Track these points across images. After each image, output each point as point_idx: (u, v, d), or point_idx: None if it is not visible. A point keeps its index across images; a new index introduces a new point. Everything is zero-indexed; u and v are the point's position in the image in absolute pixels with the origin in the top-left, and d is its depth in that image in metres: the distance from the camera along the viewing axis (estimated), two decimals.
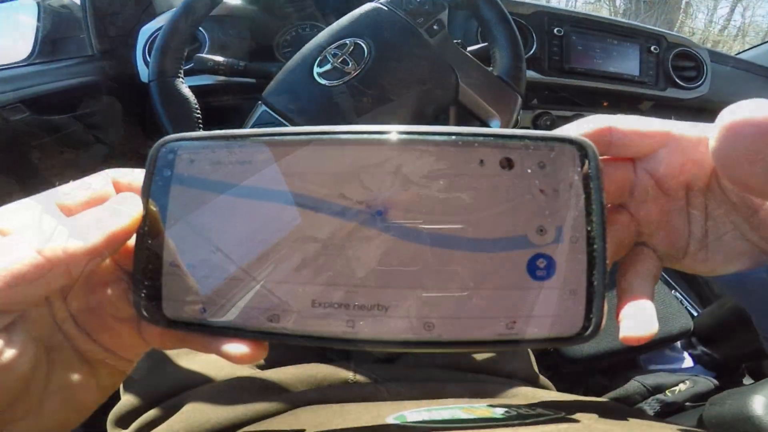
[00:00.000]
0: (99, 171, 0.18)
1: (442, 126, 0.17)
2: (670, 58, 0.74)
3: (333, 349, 0.37)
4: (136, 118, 0.65)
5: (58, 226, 0.15)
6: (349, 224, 0.16)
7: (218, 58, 0.49)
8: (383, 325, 0.16)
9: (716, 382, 0.64)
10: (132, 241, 0.17)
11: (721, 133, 0.15)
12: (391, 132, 0.16)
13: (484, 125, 0.43)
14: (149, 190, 0.17)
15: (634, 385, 0.65)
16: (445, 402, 0.27)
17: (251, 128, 0.41)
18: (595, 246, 0.16)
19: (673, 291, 0.82)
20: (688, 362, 0.73)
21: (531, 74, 0.67)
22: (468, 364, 0.37)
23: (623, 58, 0.72)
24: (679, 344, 0.75)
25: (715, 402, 0.40)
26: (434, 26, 0.42)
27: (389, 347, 0.17)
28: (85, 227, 0.15)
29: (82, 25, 0.62)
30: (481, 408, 0.25)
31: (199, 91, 0.44)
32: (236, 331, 0.17)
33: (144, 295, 0.17)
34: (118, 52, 0.64)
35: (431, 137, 0.16)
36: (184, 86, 0.42)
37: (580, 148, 0.16)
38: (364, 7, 0.43)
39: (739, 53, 0.96)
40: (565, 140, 0.16)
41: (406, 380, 0.33)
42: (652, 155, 0.18)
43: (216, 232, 0.17)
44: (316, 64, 0.42)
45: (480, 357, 0.37)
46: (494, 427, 0.22)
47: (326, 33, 0.43)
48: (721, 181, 0.18)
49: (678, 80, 0.75)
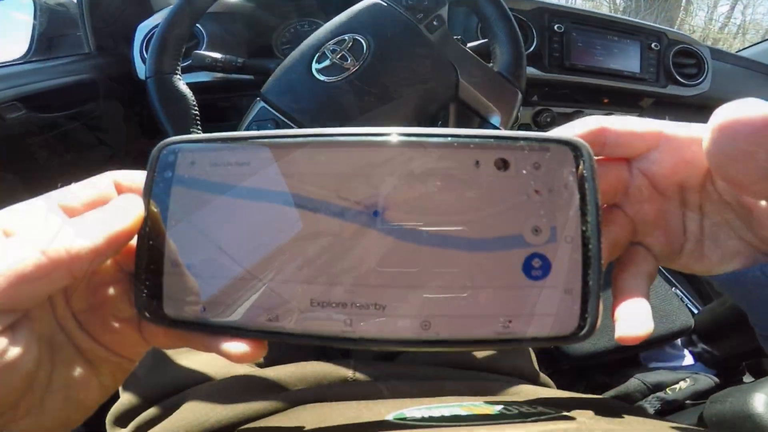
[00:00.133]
0: (101, 172, 0.18)
1: (439, 128, 0.17)
2: (671, 55, 0.74)
3: (332, 348, 0.37)
4: (135, 116, 0.65)
5: (61, 226, 0.15)
6: (347, 224, 0.16)
7: (216, 55, 0.49)
8: (381, 324, 0.16)
9: (717, 379, 0.65)
10: (133, 242, 0.17)
11: (713, 132, 0.15)
12: (388, 134, 0.17)
13: (485, 121, 0.42)
14: (151, 192, 0.17)
15: (634, 383, 0.65)
16: (445, 400, 0.26)
17: (249, 124, 0.41)
18: (590, 246, 0.16)
19: (674, 288, 0.82)
20: (688, 360, 0.73)
21: (531, 71, 0.67)
22: (468, 361, 0.37)
23: (624, 55, 0.72)
24: (679, 342, 0.75)
25: (716, 400, 0.40)
26: (434, 22, 0.41)
27: (387, 346, 0.17)
28: (88, 228, 0.15)
29: (78, 23, 0.62)
30: (482, 405, 0.25)
31: (197, 88, 0.44)
32: (236, 330, 0.17)
33: (145, 294, 0.17)
34: (115, 50, 0.64)
35: (428, 139, 0.16)
36: (181, 83, 0.42)
37: (575, 149, 0.16)
38: (364, 2, 0.42)
39: (739, 51, 0.95)
40: (560, 141, 0.16)
41: (406, 378, 0.33)
42: (647, 155, 0.18)
43: (216, 233, 0.17)
44: (314, 60, 0.41)
45: (481, 355, 0.37)
46: (494, 424, 0.22)
47: (325, 29, 0.42)
48: (715, 180, 0.18)
49: (679, 77, 0.75)
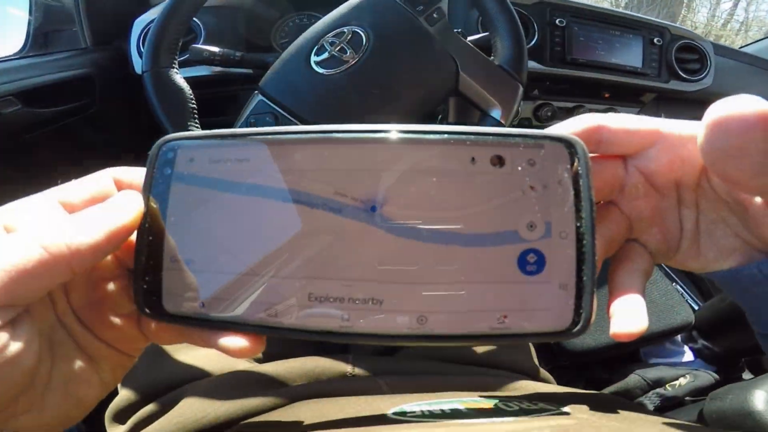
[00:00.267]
0: (100, 169, 0.18)
1: (435, 125, 0.17)
2: (674, 50, 0.74)
3: (330, 343, 0.37)
4: (133, 111, 0.64)
5: (61, 222, 0.15)
6: (344, 220, 0.17)
7: (214, 49, 0.48)
8: (378, 319, 0.16)
9: (716, 376, 0.64)
10: (133, 238, 0.17)
11: (707, 129, 0.15)
12: (385, 131, 0.17)
13: (485, 115, 0.42)
14: (150, 188, 0.18)
15: (634, 379, 0.65)
16: (444, 395, 0.26)
17: (247, 118, 0.40)
18: (585, 242, 0.16)
19: (674, 284, 0.82)
20: (688, 356, 0.73)
21: (532, 65, 0.67)
22: (468, 357, 0.36)
23: (626, 50, 0.71)
24: (679, 338, 0.75)
25: (716, 397, 0.40)
26: (434, 14, 0.41)
27: (384, 341, 0.17)
28: (88, 224, 0.15)
29: (74, 18, 0.61)
30: (481, 401, 0.25)
31: (195, 82, 0.43)
32: (235, 326, 0.17)
33: (144, 290, 0.17)
34: (112, 45, 0.63)
35: (424, 136, 0.17)
36: (178, 77, 0.41)
37: (570, 146, 0.16)
38: None
39: (742, 47, 0.95)
40: (555, 138, 0.16)
41: (406, 373, 0.33)
42: (643, 153, 0.18)
43: (215, 229, 0.17)
44: (313, 52, 0.41)
45: (480, 350, 0.37)
46: (494, 420, 0.22)
47: (324, 21, 0.42)
48: (710, 177, 0.18)
49: (681, 72, 0.74)
